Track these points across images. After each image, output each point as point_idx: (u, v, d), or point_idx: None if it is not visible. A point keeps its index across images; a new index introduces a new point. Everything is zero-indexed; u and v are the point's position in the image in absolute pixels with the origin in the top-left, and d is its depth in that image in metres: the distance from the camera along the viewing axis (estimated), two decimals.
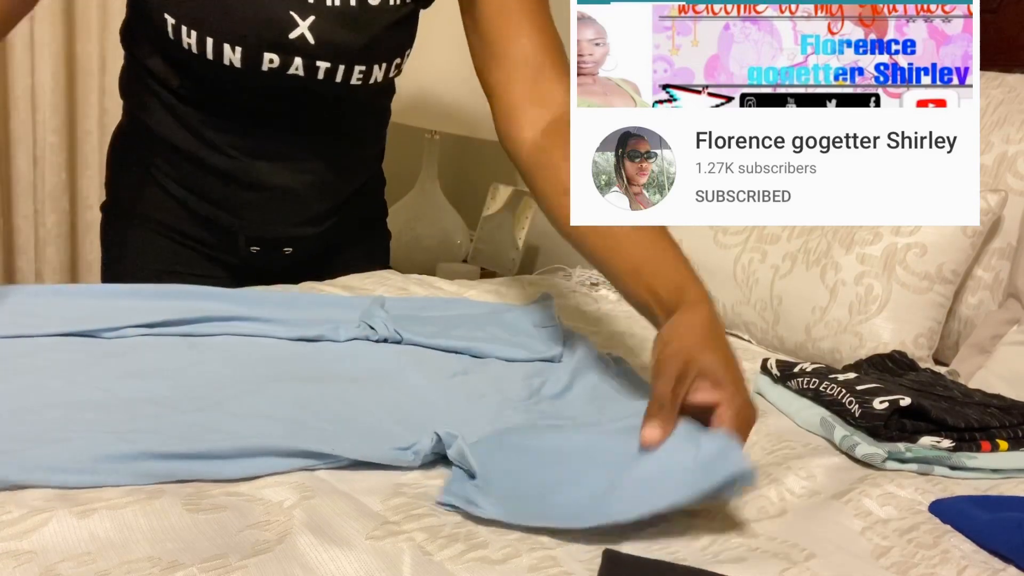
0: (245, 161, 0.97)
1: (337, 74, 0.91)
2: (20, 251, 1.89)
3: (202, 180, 0.99)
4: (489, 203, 2.16)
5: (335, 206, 1.07)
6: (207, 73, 0.90)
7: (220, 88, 0.93)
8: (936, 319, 1.04)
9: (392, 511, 0.55)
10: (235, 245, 1.04)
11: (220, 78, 0.90)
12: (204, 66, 0.89)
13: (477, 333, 0.89)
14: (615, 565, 0.51)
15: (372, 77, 0.94)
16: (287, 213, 1.02)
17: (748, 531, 0.59)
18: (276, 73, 0.89)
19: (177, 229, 1.03)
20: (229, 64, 0.88)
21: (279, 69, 0.89)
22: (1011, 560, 0.58)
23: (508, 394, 0.76)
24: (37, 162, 1.86)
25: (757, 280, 1.14)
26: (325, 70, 0.90)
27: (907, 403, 0.73)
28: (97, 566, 0.45)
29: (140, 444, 0.55)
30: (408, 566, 0.49)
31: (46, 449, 0.54)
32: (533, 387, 0.78)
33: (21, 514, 0.49)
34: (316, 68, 0.90)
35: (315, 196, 1.03)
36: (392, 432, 0.64)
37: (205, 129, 0.96)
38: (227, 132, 0.96)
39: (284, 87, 0.92)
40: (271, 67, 0.89)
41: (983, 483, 0.72)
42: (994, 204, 1.04)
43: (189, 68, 0.92)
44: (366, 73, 0.93)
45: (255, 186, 0.98)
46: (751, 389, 0.73)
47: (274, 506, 0.54)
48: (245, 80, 0.90)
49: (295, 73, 0.90)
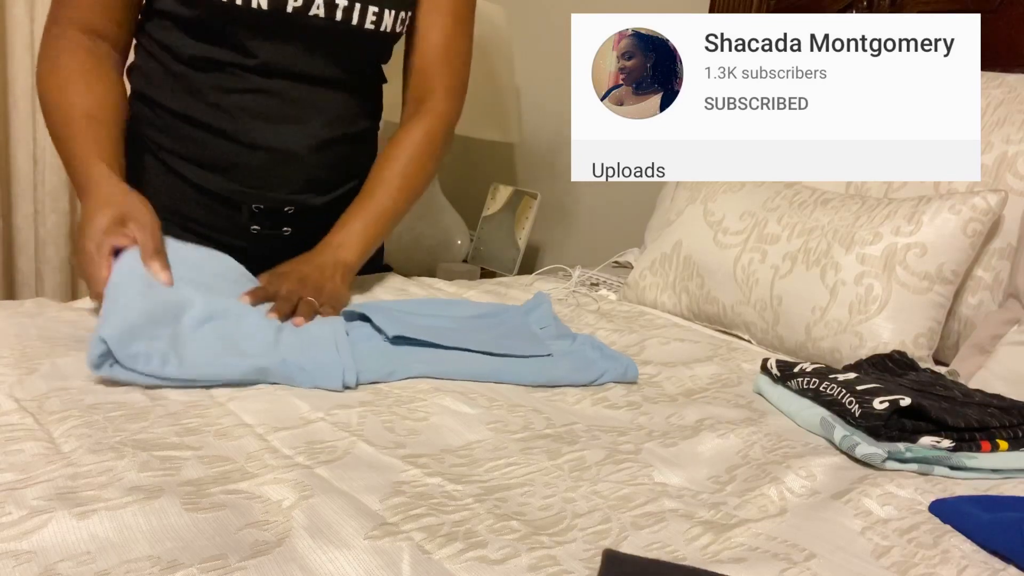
0: (248, 122, 1.03)
1: (353, 14, 1.02)
2: (20, 251, 1.89)
3: (205, 146, 1.04)
4: (489, 203, 2.16)
5: (333, 177, 1.12)
6: (229, 23, 0.98)
7: (235, 42, 1.00)
8: (936, 319, 1.04)
9: (391, 510, 0.55)
10: (238, 222, 1.06)
11: (240, 28, 0.98)
12: (229, 13, 0.96)
13: (479, 336, 0.91)
14: (615, 564, 0.51)
15: (383, 23, 1.05)
16: (288, 176, 1.07)
17: (748, 531, 0.59)
18: (299, 13, 0.98)
19: (181, 212, 1.06)
20: (257, 7, 0.96)
21: (302, 8, 0.98)
22: (1011, 560, 0.58)
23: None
24: (37, 162, 1.86)
25: (757, 280, 1.14)
26: (343, 9, 1.01)
27: (907, 403, 0.73)
28: (97, 566, 0.45)
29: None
30: (407, 565, 0.49)
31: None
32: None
33: (21, 514, 0.49)
34: (335, 7, 1.00)
35: (314, 158, 1.07)
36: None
37: (211, 92, 1.02)
38: (232, 93, 1.02)
39: (300, 33, 1.00)
40: (295, 6, 0.98)
41: (983, 483, 0.72)
42: (994, 204, 1.04)
43: (209, 27, 0.99)
44: (379, 16, 1.04)
45: (257, 147, 1.04)
46: (751, 389, 0.87)
47: (273, 505, 0.54)
48: (268, 24, 0.98)
49: (316, 13, 0.99)
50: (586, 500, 0.61)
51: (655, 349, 1.03)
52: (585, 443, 0.71)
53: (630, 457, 0.69)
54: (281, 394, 0.74)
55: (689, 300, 1.22)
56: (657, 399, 0.85)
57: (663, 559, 0.53)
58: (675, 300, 1.24)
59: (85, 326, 0.86)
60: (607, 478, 0.65)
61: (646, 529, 0.57)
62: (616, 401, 0.83)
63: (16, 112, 1.81)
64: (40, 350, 0.77)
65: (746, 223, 1.18)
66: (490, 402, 0.78)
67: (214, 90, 1.02)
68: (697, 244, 1.23)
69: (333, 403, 0.73)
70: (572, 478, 0.64)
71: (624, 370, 0.88)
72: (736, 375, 0.96)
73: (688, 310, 1.23)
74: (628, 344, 1.03)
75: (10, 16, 1.78)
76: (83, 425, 0.62)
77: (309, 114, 1.06)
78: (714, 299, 1.19)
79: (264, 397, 0.73)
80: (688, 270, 1.23)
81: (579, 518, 0.58)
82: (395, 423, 0.71)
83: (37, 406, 0.65)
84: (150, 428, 0.64)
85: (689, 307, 1.23)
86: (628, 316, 1.19)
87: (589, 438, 0.72)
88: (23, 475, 0.54)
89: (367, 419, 0.71)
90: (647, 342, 1.05)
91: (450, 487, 0.60)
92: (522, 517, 0.57)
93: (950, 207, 1.04)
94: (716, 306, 1.19)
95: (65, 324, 0.85)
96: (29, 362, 0.74)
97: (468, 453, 0.67)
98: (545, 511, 0.59)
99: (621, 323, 1.14)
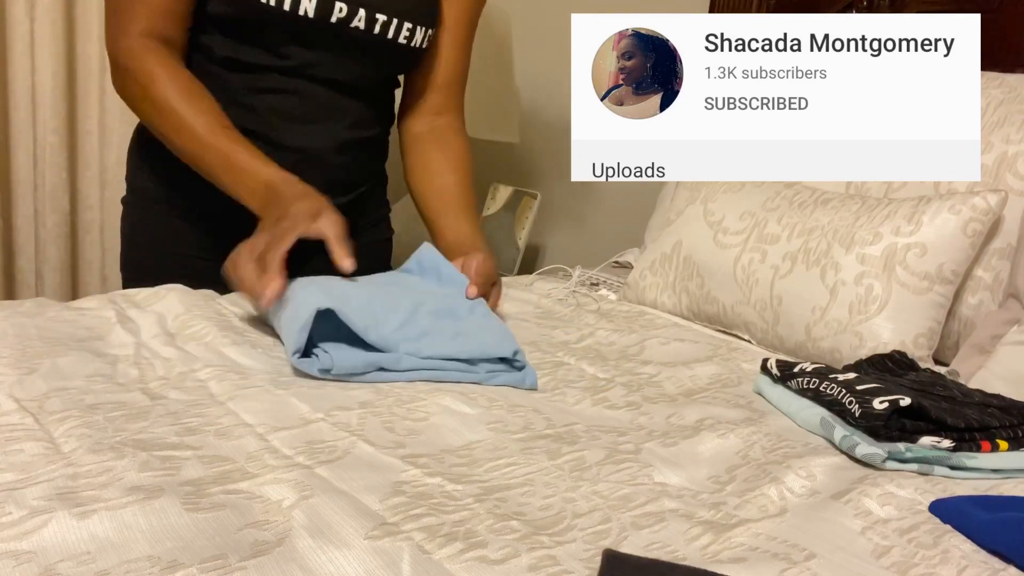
0: (277, 122, 1.06)
1: (390, 29, 1.06)
2: (20, 251, 1.89)
3: None
4: (489, 203, 2.16)
5: (352, 178, 1.16)
6: (270, 27, 1.01)
7: (270, 45, 1.03)
8: (936, 319, 1.04)
9: (391, 510, 0.55)
10: (256, 220, 1.06)
11: (278, 32, 1.01)
12: (275, 17, 0.99)
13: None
14: (615, 564, 0.51)
15: (415, 39, 1.09)
16: (313, 177, 1.07)
17: (748, 531, 0.59)
18: (341, 24, 1.02)
19: (198, 212, 1.06)
20: (304, 14, 1.00)
21: (345, 18, 1.02)
22: (1011, 560, 0.58)
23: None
24: (37, 162, 1.86)
25: (757, 280, 1.14)
26: (382, 23, 1.05)
27: (907, 403, 0.73)
28: (97, 566, 0.45)
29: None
30: (407, 565, 0.49)
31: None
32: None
33: (21, 514, 0.49)
34: (375, 20, 1.05)
35: (337, 159, 1.12)
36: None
37: (241, 92, 1.05)
38: (261, 93, 1.06)
39: (337, 41, 1.04)
40: (339, 16, 1.02)
41: (983, 483, 0.72)
42: (994, 204, 1.04)
43: (248, 30, 1.02)
44: (412, 32, 1.08)
45: (284, 147, 1.06)
46: (751, 389, 0.89)
47: (273, 505, 0.54)
48: (310, 32, 1.01)
49: (356, 25, 1.03)
50: (586, 500, 0.61)
51: (655, 349, 1.03)
52: (585, 443, 0.71)
53: (630, 457, 0.69)
54: (281, 394, 0.74)
55: (689, 300, 1.23)
56: (657, 399, 0.85)
57: (663, 559, 0.53)
58: (675, 300, 1.24)
59: (85, 326, 0.86)
60: (607, 478, 0.65)
61: (646, 529, 0.58)
62: (616, 401, 0.83)
63: (16, 112, 1.81)
64: (40, 350, 0.77)
65: (746, 223, 1.18)
66: (490, 402, 0.78)
67: (244, 90, 1.05)
68: (697, 244, 1.23)
69: (333, 404, 0.73)
70: (572, 478, 0.64)
71: (523, 377, 0.85)
72: (736, 375, 0.96)
73: (688, 310, 1.23)
74: (628, 344, 1.03)
75: (10, 16, 1.78)
76: (83, 425, 0.62)
77: (332, 116, 1.09)
78: (714, 299, 1.19)
79: (264, 397, 0.73)
80: (688, 270, 1.23)
81: (579, 518, 0.58)
82: (395, 423, 0.71)
83: (37, 406, 0.65)
84: (150, 428, 0.64)
85: (689, 307, 1.23)
86: (628, 316, 1.19)
87: (589, 438, 0.72)
88: (23, 475, 0.54)
89: (367, 419, 0.71)
90: (647, 342, 1.05)
91: (450, 487, 0.60)
92: (522, 517, 0.57)
93: (950, 207, 1.04)
94: (716, 306, 1.19)
95: (65, 324, 0.85)
96: (29, 362, 0.74)
97: (468, 453, 0.67)
98: (545, 511, 0.59)
99: (621, 323, 1.14)
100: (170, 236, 1.13)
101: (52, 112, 1.83)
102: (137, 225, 1.16)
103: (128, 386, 0.72)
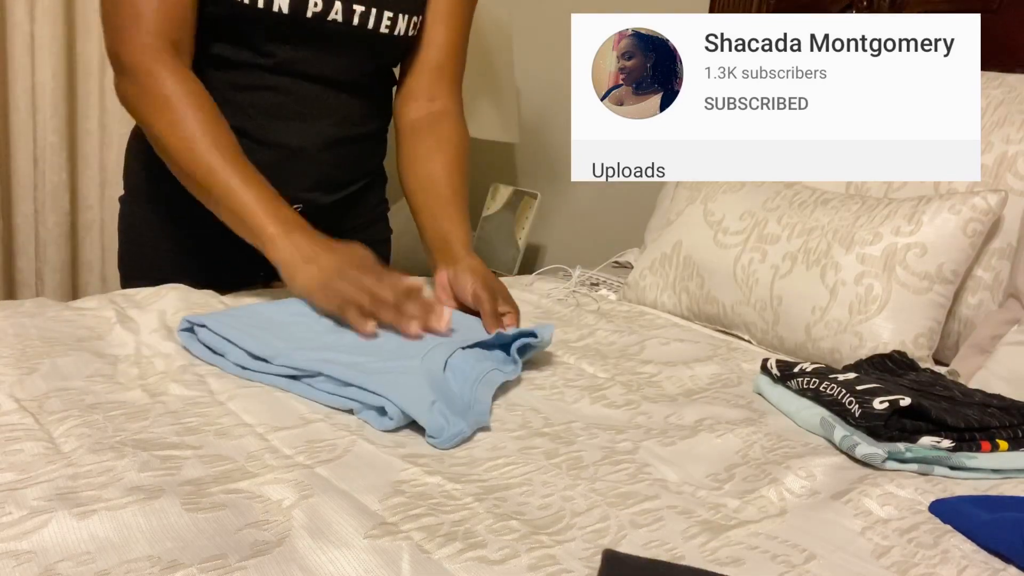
0: (260, 120, 1.05)
1: (369, 19, 1.04)
2: (20, 251, 1.89)
3: None
4: (489, 203, 2.16)
5: (342, 176, 1.14)
6: (249, 24, 0.99)
7: (252, 43, 1.02)
8: (936, 319, 1.04)
9: (390, 510, 0.55)
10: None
11: (258, 29, 1.00)
12: (250, 15, 0.98)
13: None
14: (615, 564, 0.51)
15: (397, 27, 1.07)
16: (298, 174, 1.08)
17: (748, 531, 0.59)
18: (318, 18, 1.00)
19: (195, 211, 1.05)
20: (278, 11, 0.98)
21: (321, 13, 1.00)
22: (1011, 560, 0.58)
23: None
24: (37, 162, 1.86)
25: (757, 280, 1.14)
26: (360, 14, 1.03)
27: (907, 403, 0.73)
28: (97, 566, 0.45)
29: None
30: (407, 565, 0.49)
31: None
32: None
33: (21, 514, 0.49)
34: (352, 12, 1.02)
35: (323, 156, 1.10)
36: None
37: (225, 89, 1.03)
38: (245, 90, 1.04)
39: (318, 36, 1.02)
40: (315, 11, 1.00)
41: (983, 483, 0.72)
42: (994, 204, 1.04)
43: (229, 28, 1.00)
44: (393, 20, 1.06)
45: (268, 144, 1.05)
46: (751, 389, 0.90)
47: (273, 505, 0.54)
48: (287, 28, 1.00)
49: (334, 19, 1.01)
50: (584, 498, 0.61)
51: (655, 349, 1.03)
52: (583, 442, 0.71)
53: (628, 456, 0.69)
54: (280, 395, 0.74)
55: (689, 300, 1.23)
56: (656, 399, 0.85)
57: (662, 557, 0.53)
58: (675, 300, 1.24)
59: (85, 326, 0.86)
60: (605, 477, 0.65)
61: (644, 528, 0.58)
62: (615, 400, 0.83)
63: (16, 112, 1.81)
64: (40, 350, 0.77)
65: (746, 223, 1.18)
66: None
67: (228, 87, 1.03)
68: (697, 244, 1.23)
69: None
70: (570, 477, 0.64)
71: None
72: (736, 375, 0.96)
73: (688, 310, 1.23)
74: (628, 344, 1.03)
75: (10, 16, 1.78)
76: (83, 425, 0.63)
77: (319, 113, 1.08)
78: (714, 299, 1.19)
79: (264, 397, 0.73)
80: (688, 270, 1.23)
81: (578, 517, 0.58)
82: None
83: (37, 406, 0.65)
84: (150, 428, 0.64)
85: (689, 307, 1.23)
86: (628, 316, 1.19)
87: (587, 437, 0.72)
88: (23, 475, 0.54)
89: None
90: (647, 342, 1.05)
91: (449, 486, 0.60)
92: (521, 516, 0.57)
93: (950, 207, 1.04)
94: (716, 306, 1.19)
95: (65, 324, 0.85)
96: (29, 362, 0.74)
97: (467, 452, 0.67)
98: (544, 510, 0.59)
99: (621, 323, 1.14)
100: (166, 234, 1.13)
101: (52, 112, 1.83)
102: (134, 223, 1.16)
103: (128, 385, 0.72)
